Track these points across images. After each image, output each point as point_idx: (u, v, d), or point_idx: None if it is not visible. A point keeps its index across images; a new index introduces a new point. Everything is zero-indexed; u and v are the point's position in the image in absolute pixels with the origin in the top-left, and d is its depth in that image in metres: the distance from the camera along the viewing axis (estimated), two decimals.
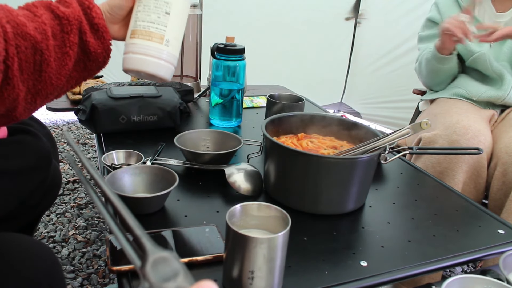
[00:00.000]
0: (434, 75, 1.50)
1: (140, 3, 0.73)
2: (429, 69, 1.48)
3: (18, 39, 0.58)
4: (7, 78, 0.56)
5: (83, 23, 0.66)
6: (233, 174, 0.88)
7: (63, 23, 0.64)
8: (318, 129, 1.01)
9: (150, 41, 0.72)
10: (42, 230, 1.55)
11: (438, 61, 1.43)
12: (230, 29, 1.38)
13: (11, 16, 0.58)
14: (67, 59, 0.64)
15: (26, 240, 0.65)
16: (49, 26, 0.62)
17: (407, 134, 0.81)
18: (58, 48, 0.63)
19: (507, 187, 1.18)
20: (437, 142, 1.24)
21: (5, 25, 0.56)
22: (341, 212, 0.84)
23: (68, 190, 1.83)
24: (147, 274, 0.29)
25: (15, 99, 0.59)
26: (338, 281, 0.65)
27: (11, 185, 0.82)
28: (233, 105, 1.27)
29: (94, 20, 0.67)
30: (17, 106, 0.60)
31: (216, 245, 0.68)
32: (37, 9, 0.63)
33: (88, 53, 0.67)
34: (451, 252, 0.74)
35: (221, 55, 1.21)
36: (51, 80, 0.63)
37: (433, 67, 1.46)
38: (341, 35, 2.95)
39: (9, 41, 0.56)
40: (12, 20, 0.58)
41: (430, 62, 1.45)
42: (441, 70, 1.47)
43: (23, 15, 0.60)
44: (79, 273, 1.34)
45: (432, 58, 1.44)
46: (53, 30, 0.63)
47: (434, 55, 1.42)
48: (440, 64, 1.44)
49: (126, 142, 1.09)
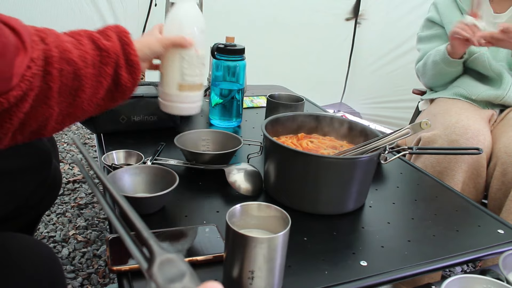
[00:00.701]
0: (441, 77, 1.50)
1: (183, 59, 0.85)
2: (436, 71, 1.48)
3: (63, 63, 0.62)
4: (46, 97, 0.60)
5: (120, 57, 0.71)
6: (233, 174, 0.89)
7: (103, 54, 0.69)
8: (318, 129, 1.02)
9: (195, 91, 0.88)
10: (42, 230, 1.55)
11: (448, 64, 1.42)
12: (230, 29, 1.38)
13: (58, 41, 0.62)
14: (100, 88, 0.69)
15: (27, 240, 0.65)
16: (90, 56, 0.67)
17: (406, 134, 0.81)
18: (94, 77, 0.68)
19: (506, 187, 1.19)
20: (437, 142, 1.24)
21: (53, 49, 0.60)
22: (341, 212, 0.84)
23: (68, 190, 1.83)
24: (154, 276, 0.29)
25: (47, 118, 0.62)
26: (338, 281, 0.65)
27: (11, 185, 0.82)
28: (233, 105, 1.27)
29: (130, 56, 0.73)
30: (47, 124, 0.63)
31: (216, 245, 0.68)
32: (82, 38, 0.68)
33: (118, 85, 0.72)
34: (450, 252, 0.75)
35: (221, 55, 1.21)
36: (83, 106, 0.68)
37: (441, 70, 1.46)
38: (341, 35, 2.95)
39: (54, 64, 0.60)
40: (59, 45, 0.62)
41: (438, 65, 1.44)
42: (449, 73, 1.47)
43: (69, 41, 0.65)
44: (79, 273, 1.34)
45: (441, 61, 1.43)
46: (93, 60, 0.67)
47: (444, 58, 1.41)
48: (449, 67, 1.43)
49: (126, 142, 1.09)
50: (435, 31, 1.54)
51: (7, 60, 0.52)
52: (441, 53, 1.43)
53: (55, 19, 2.33)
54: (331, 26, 2.88)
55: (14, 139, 0.61)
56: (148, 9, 2.46)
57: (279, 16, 2.71)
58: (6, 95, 0.53)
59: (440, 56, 1.43)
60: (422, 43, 1.58)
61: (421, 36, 1.60)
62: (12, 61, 0.53)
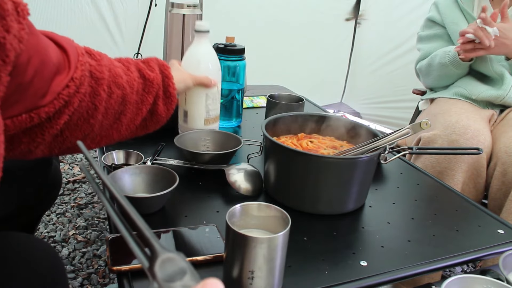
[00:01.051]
0: (447, 78, 1.50)
1: (208, 97, 1.02)
2: (443, 73, 1.47)
3: (113, 86, 0.65)
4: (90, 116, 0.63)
5: (160, 89, 0.76)
6: (233, 174, 0.89)
7: (147, 84, 0.73)
8: (318, 129, 1.02)
9: (216, 122, 1.10)
10: (42, 230, 1.55)
11: (457, 66, 1.42)
12: (230, 29, 1.38)
13: (111, 66, 0.66)
14: (139, 114, 0.73)
15: (28, 238, 0.65)
16: (137, 83, 0.71)
17: (406, 134, 0.81)
18: (137, 103, 0.72)
19: (506, 187, 1.19)
20: (437, 142, 1.24)
21: (105, 71, 0.64)
22: (341, 212, 0.84)
23: (68, 190, 1.83)
24: (156, 274, 0.29)
25: (86, 135, 0.65)
26: (338, 281, 0.65)
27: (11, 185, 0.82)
28: (233, 105, 1.27)
29: (169, 88, 0.77)
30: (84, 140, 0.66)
31: (216, 245, 0.68)
32: (130, 65, 0.72)
33: (153, 115, 0.77)
34: (450, 252, 0.75)
35: (221, 55, 1.21)
36: (121, 130, 0.71)
37: (449, 72, 1.45)
38: (341, 35, 2.95)
39: (104, 85, 0.63)
40: (112, 69, 0.66)
41: (446, 67, 1.43)
42: (455, 74, 1.46)
43: (119, 66, 0.69)
44: (79, 273, 1.34)
45: (450, 64, 1.42)
46: (138, 87, 0.71)
47: (454, 61, 1.40)
48: (458, 69, 1.43)
49: (126, 142, 1.08)
50: (435, 31, 1.54)
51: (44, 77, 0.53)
52: (450, 55, 1.41)
53: (55, 19, 2.33)
54: (331, 26, 2.88)
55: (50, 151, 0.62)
56: (148, 9, 2.46)
57: (279, 16, 2.71)
58: (38, 110, 0.54)
59: (449, 58, 1.42)
60: (423, 43, 1.58)
61: (421, 36, 1.60)
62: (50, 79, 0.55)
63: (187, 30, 1.55)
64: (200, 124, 1.06)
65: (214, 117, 1.07)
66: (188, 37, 1.55)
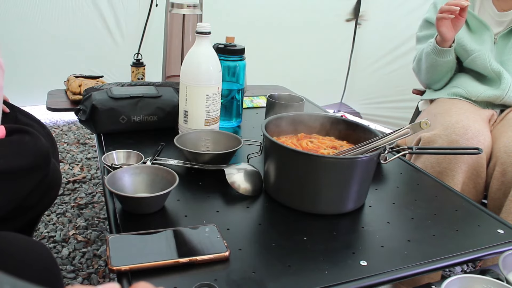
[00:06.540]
0: (433, 70, 1.50)
1: (209, 98, 1.05)
2: (428, 63, 1.48)
3: None
4: None
5: None
6: (233, 174, 0.89)
7: None
8: (318, 129, 1.02)
9: (216, 122, 1.12)
10: (42, 230, 1.55)
11: (438, 54, 1.43)
12: (230, 29, 1.38)
13: None
14: None
15: (23, 240, 0.65)
16: None
17: (406, 134, 0.81)
18: None
19: (506, 187, 1.19)
20: (437, 142, 1.24)
21: None
22: (341, 212, 0.84)
23: (68, 190, 1.83)
24: None
25: None
26: (338, 280, 0.65)
27: (9, 185, 0.82)
28: (233, 105, 1.27)
29: None
30: None
31: (216, 245, 0.68)
32: None
33: None
34: (450, 252, 0.75)
35: (221, 55, 1.21)
36: None
37: (432, 61, 1.46)
38: (342, 36, 2.95)
39: None
40: None
41: (429, 56, 1.46)
42: (440, 64, 1.46)
43: None
44: (79, 273, 1.34)
45: (432, 52, 1.44)
46: None
47: (434, 48, 1.43)
48: (439, 57, 1.44)
49: (126, 142, 1.09)
50: (432, 31, 1.54)
51: None
52: (431, 44, 1.44)
53: (55, 19, 2.34)
54: (332, 27, 2.89)
55: None
56: (148, 9, 2.47)
57: (279, 17, 2.72)
58: None
59: (431, 47, 1.44)
60: (421, 43, 1.58)
61: (419, 36, 1.60)
62: None
63: (187, 30, 1.55)
64: (200, 124, 1.06)
65: (214, 118, 1.08)
66: (188, 37, 1.55)
